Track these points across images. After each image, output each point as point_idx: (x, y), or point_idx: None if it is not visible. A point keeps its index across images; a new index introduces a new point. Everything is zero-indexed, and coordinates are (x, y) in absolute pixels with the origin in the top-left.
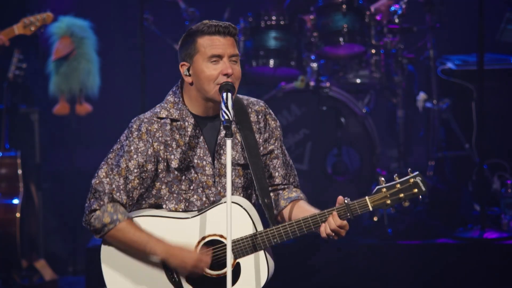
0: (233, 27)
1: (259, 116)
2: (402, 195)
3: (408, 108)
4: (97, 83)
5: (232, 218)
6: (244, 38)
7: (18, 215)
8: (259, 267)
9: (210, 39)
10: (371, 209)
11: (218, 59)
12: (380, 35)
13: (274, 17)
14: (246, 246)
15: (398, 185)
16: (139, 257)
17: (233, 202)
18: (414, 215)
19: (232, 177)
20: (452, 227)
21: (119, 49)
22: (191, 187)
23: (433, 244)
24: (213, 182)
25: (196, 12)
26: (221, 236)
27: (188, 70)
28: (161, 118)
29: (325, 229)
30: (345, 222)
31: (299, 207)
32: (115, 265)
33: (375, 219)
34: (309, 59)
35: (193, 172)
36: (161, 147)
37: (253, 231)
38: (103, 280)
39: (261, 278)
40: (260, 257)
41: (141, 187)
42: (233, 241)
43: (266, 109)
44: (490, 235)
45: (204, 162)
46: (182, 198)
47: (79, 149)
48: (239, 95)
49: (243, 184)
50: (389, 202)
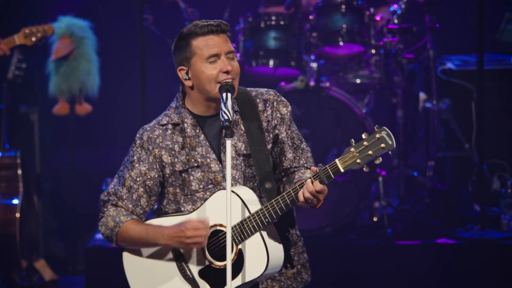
0: (224, 24)
1: (267, 104)
2: (370, 152)
3: (408, 108)
4: (97, 83)
5: (224, 206)
6: (243, 38)
7: (18, 215)
8: (258, 250)
9: (205, 39)
10: (342, 170)
11: (216, 58)
12: (380, 35)
13: (273, 17)
14: (242, 231)
15: (365, 143)
16: (150, 252)
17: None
18: (414, 215)
19: (242, 168)
20: (452, 227)
21: (119, 49)
22: (201, 186)
23: (433, 244)
24: (222, 177)
25: (196, 12)
26: (220, 225)
27: (187, 73)
28: (163, 125)
29: (303, 194)
30: (320, 186)
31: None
32: (135, 270)
33: (375, 219)
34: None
35: (199, 171)
36: (163, 152)
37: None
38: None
39: (262, 261)
40: (257, 239)
41: (148, 195)
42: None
43: (275, 97)
44: (490, 235)
45: (208, 160)
46: (196, 198)
47: (78, 149)
48: (248, 88)
49: (253, 173)
50: (359, 161)
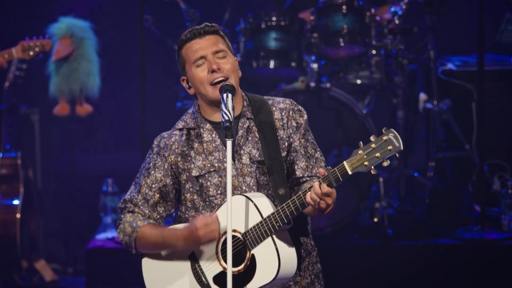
0: (209, 26)
1: (283, 113)
2: (378, 154)
3: (408, 108)
4: (97, 84)
5: (240, 211)
6: (244, 39)
7: (18, 215)
8: (270, 255)
9: (190, 45)
10: (350, 172)
11: (202, 60)
12: (381, 35)
13: (274, 18)
14: (255, 236)
15: (373, 145)
16: (167, 258)
17: (241, 194)
18: (414, 215)
19: (256, 175)
20: (452, 228)
21: (119, 50)
22: (218, 191)
23: (433, 244)
24: (237, 183)
25: (197, 13)
26: (234, 230)
27: (187, 82)
28: (179, 129)
29: (310, 195)
30: (327, 189)
31: None
32: (152, 275)
33: (375, 219)
34: (309, 59)
35: (216, 176)
36: (179, 159)
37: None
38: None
39: (273, 266)
40: (269, 244)
41: (164, 201)
42: (244, 233)
43: (292, 106)
44: (490, 235)
45: (225, 164)
46: (214, 204)
47: (79, 150)
48: (265, 97)
49: (268, 181)
50: (366, 163)
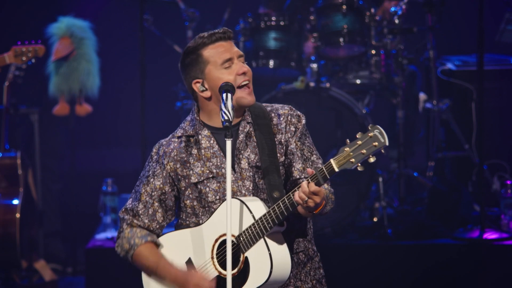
0: (229, 31)
1: (281, 119)
2: (364, 150)
3: (408, 108)
4: (97, 84)
5: (234, 215)
6: (243, 39)
7: (18, 215)
8: (262, 256)
9: (215, 47)
10: (337, 170)
11: (230, 63)
12: (380, 35)
13: (274, 18)
14: (248, 238)
15: (359, 142)
16: (158, 281)
17: (235, 198)
18: (414, 215)
19: (255, 179)
20: (452, 228)
21: (119, 50)
22: (217, 197)
23: (433, 244)
24: (237, 187)
25: (196, 13)
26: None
27: (203, 85)
28: (178, 137)
29: (298, 194)
30: (314, 188)
31: None
32: (150, 280)
33: (375, 219)
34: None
35: (215, 182)
36: (177, 165)
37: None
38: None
39: (265, 267)
40: (261, 246)
41: (163, 209)
42: (237, 236)
43: (290, 111)
44: (490, 235)
45: (223, 170)
46: (213, 210)
47: (79, 150)
48: (263, 104)
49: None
50: (353, 160)
